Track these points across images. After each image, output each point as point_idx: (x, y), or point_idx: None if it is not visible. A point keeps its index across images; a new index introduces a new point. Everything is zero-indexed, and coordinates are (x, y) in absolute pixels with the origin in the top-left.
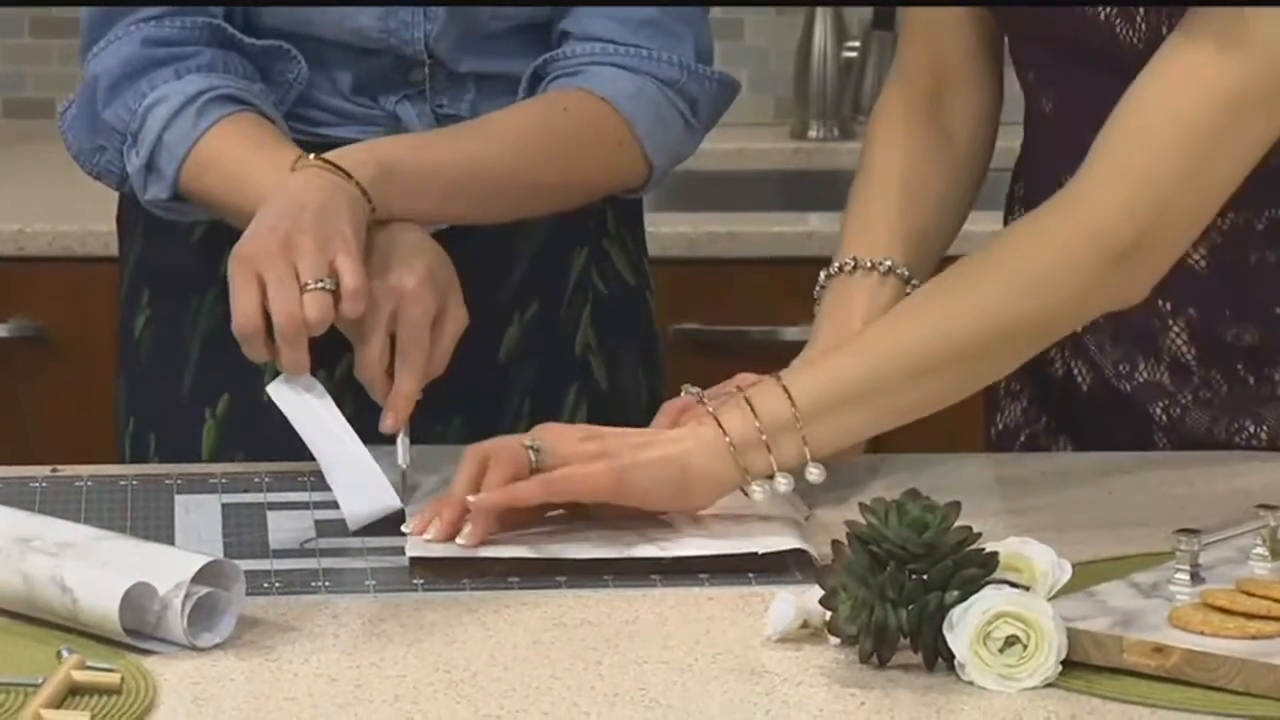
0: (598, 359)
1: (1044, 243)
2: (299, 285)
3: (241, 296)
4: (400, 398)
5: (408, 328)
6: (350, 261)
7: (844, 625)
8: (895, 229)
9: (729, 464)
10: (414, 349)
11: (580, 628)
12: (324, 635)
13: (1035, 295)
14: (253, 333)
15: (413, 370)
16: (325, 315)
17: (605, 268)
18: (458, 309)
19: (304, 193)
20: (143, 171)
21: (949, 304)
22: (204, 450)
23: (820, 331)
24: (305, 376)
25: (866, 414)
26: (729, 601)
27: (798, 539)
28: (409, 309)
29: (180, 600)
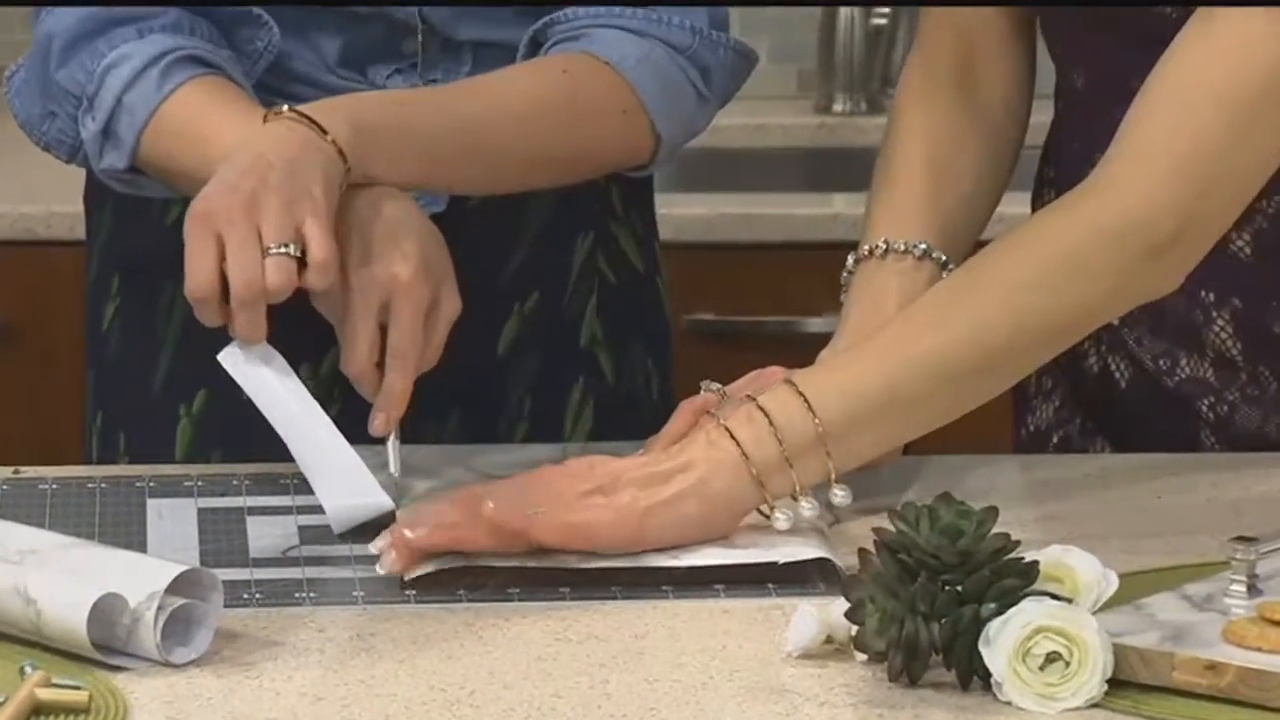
0: (604, 352)
1: (1075, 232)
2: (261, 248)
3: (197, 257)
4: (392, 396)
5: (402, 322)
6: (319, 228)
7: (871, 640)
8: (927, 210)
9: (748, 486)
10: (408, 344)
11: (586, 643)
12: (309, 650)
13: (1067, 289)
14: (207, 297)
15: (406, 367)
16: (287, 282)
17: (612, 253)
18: (451, 296)
19: (273, 147)
20: (98, 138)
21: (975, 301)
22: (178, 450)
23: (850, 321)
24: (262, 346)
25: (893, 425)
26: (747, 615)
27: (821, 547)
28: (402, 301)
29: (153, 612)
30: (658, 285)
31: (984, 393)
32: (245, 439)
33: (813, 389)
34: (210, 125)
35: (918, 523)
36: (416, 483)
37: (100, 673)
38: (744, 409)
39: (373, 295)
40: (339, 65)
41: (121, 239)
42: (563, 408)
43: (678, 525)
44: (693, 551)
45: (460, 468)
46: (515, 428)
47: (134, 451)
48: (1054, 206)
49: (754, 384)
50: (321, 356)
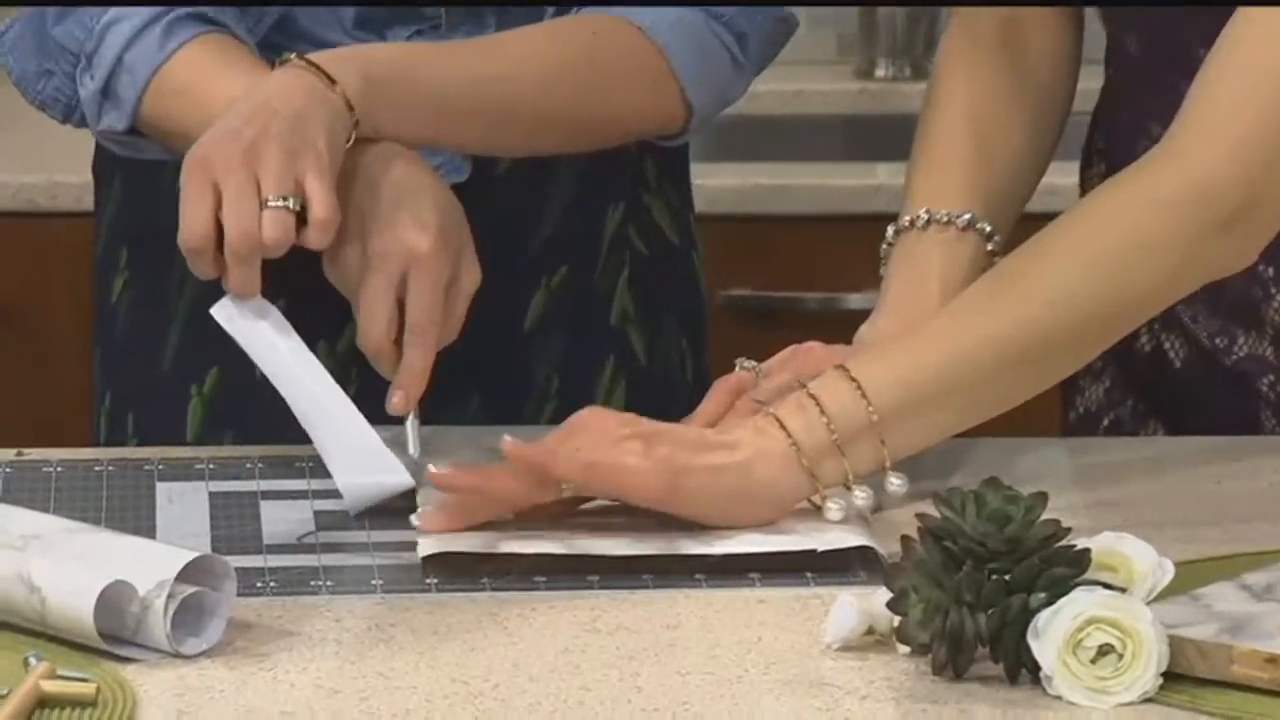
0: (636, 330)
1: (1137, 208)
2: (259, 200)
3: (192, 205)
4: (411, 373)
5: (421, 295)
6: (320, 184)
7: (915, 632)
8: (971, 179)
9: (797, 474)
10: (427, 319)
11: (615, 634)
12: (325, 641)
13: (1130, 269)
14: (201, 248)
15: (425, 343)
16: (284, 237)
17: (644, 225)
18: (472, 267)
19: (278, 95)
20: (97, 98)
21: (1033, 283)
22: (189, 431)
23: (890, 294)
24: (257, 300)
25: (948, 412)
26: (784, 605)
27: (863, 535)
28: (422, 274)
29: (163, 601)
30: (693, 260)
31: (1043, 379)
32: (258, 420)
33: (866, 375)
34: (214, 84)
35: (963, 508)
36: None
37: (108, 664)
38: (793, 396)
39: (390, 267)
40: (356, 27)
41: (131, 210)
42: (592, 388)
43: (711, 494)
44: (727, 538)
45: (482, 450)
46: (542, 409)
47: (143, 432)
48: (1113, 182)
49: (791, 360)
50: (338, 334)
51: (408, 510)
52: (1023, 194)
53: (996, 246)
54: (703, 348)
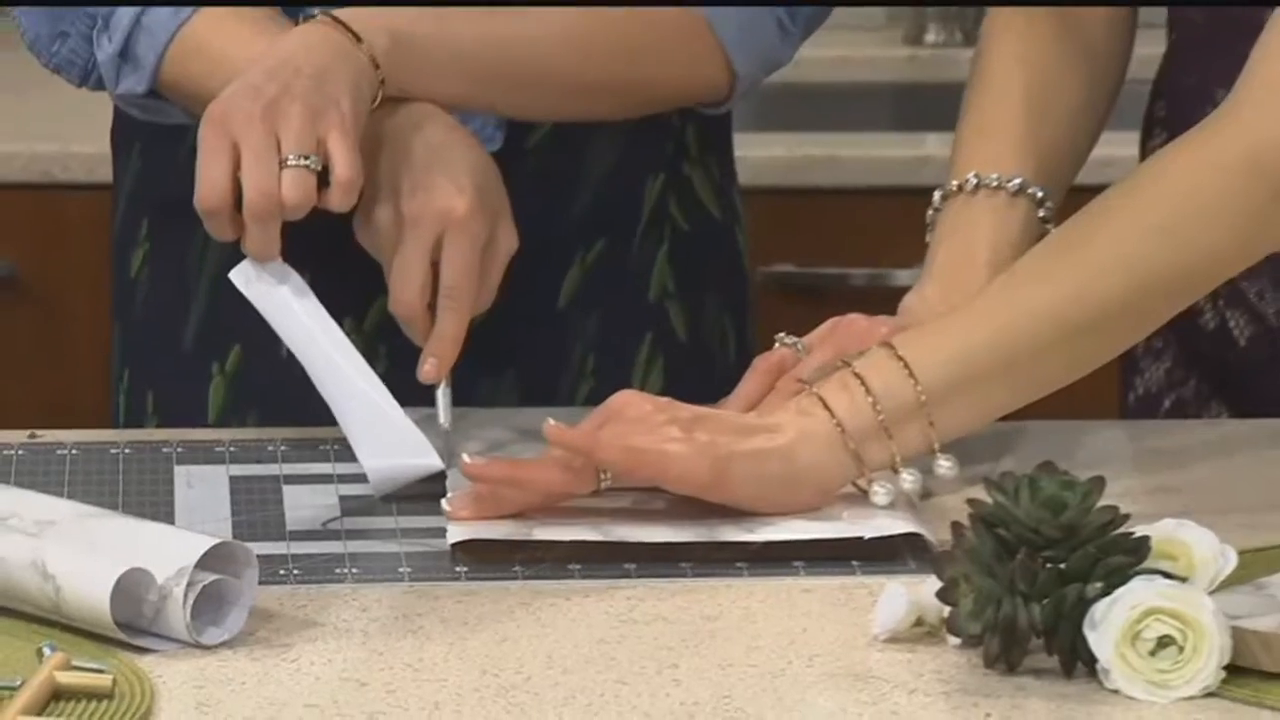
0: (676, 306)
1: (1199, 173)
2: (279, 158)
3: (209, 164)
4: (444, 341)
5: (457, 258)
6: (343, 144)
7: (966, 623)
8: (1022, 141)
9: (842, 457)
10: (463, 282)
11: (653, 624)
12: (350, 631)
13: (1191, 235)
14: (218, 208)
15: (460, 308)
16: (305, 198)
17: (685, 198)
18: (508, 231)
19: (301, 52)
20: (115, 61)
21: (1089, 253)
22: (210, 410)
23: (936, 262)
24: (277, 263)
25: (1000, 390)
26: (829, 594)
27: (912, 521)
28: (458, 235)
29: (182, 589)
30: (736, 234)
31: (1099, 355)
32: (283, 399)
33: (913, 352)
34: (236, 44)
35: (1017, 494)
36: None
37: (125, 654)
38: (837, 375)
39: (426, 229)
40: None
41: (151, 179)
42: (629, 367)
43: (758, 481)
44: (770, 525)
45: (514, 431)
46: (577, 388)
47: (163, 411)
48: (1174, 147)
49: (833, 335)
50: (365, 310)
51: (437, 495)
52: (1076, 158)
53: (1048, 213)
54: (746, 326)
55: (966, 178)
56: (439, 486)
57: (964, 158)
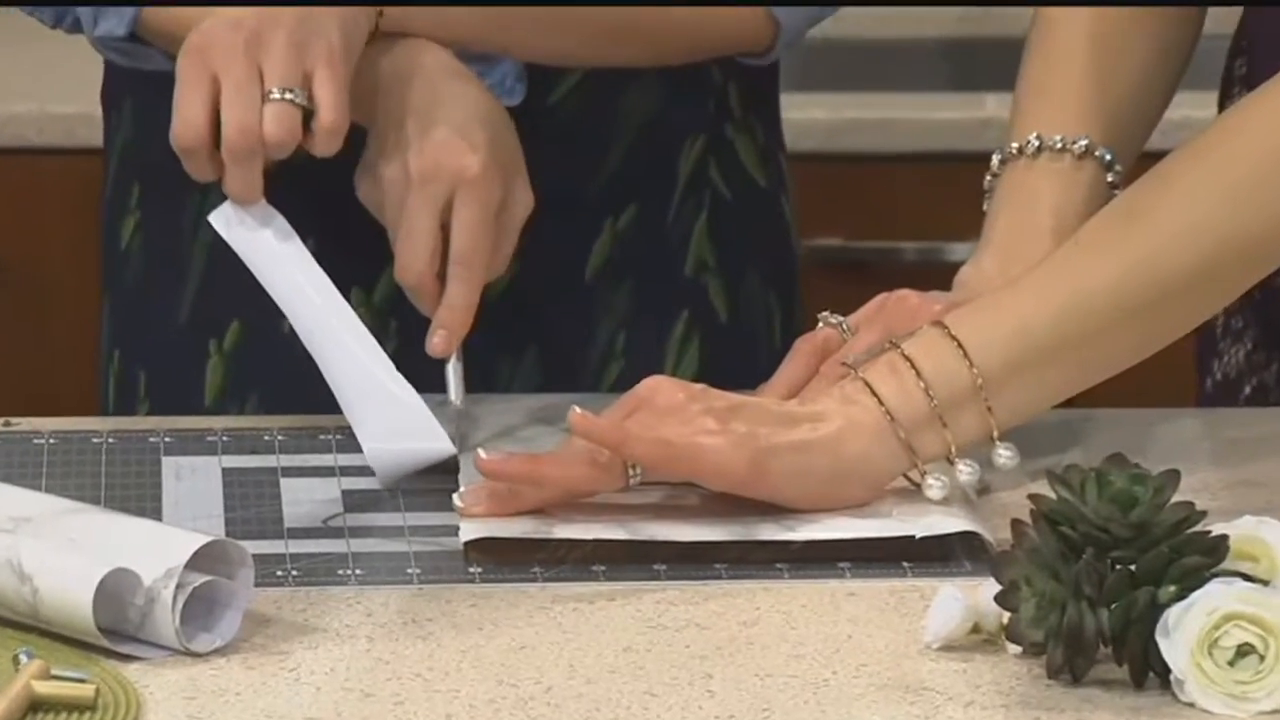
0: (715, 281)
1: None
2: (261, 92)
3: (187, 98)
4: (455, 311)
5: (469, 221)
6: (331, 82)
7: (1027, 630)
8: (1088, 100)
9: (892, 447)
10: (474, 248)
11: (685, 631)
12: (355, 638)
13: (1269, 200)
14: (195, 146)
15: (471, 275)
16: (288, 135)
17: (727, 162)
18: (524, 193)
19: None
20: None
21: (1158, 218)
22: (207, 392)
23: (995, 232)
24: (261, 206)
25: (1062, 371)
26: (877, 598)
27: (968, 519)
28: (470, 196)
29: (171, 592)
30: (782, 204)
31: (1168, 331)
32: (286, 380)
33: (966, 331)
34: None
35: (1083, 489)
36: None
37: (108, 663)
38: (885, 358)
39: (436, 190)
40: None
41: (144, 140)
42: (662, 347)
43: (802, 476)
44: (813, 523)
45: (532, 419)
46: (604, 370)
47: (155, 394)
48: (1249, 101)
49: (881, 313)
50: (374, 281)
51: (448, 489)
52: (1147, 119)
53: (1117, 177)
54: (793, 305)
55: (1027, 140)
56: (451, 479)
57: (1024, 118)
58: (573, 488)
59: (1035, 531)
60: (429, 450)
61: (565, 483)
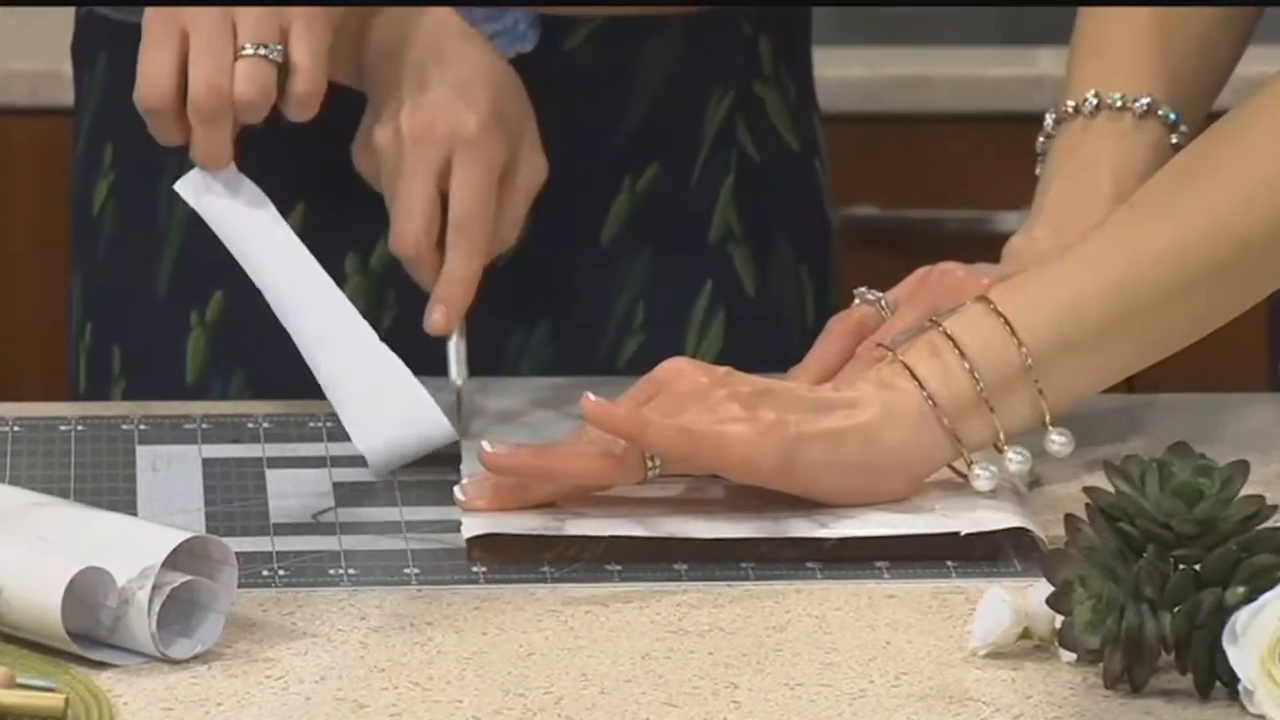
0: (742, 251)
1: None
2: (233, 47)
3: (153, 54)
4: (454, 284)
5: (467, 184)
6: (308, 38)
7: (1082, 635)
8: (1153, 54)
9: (935, 435)
10: (475, 213)
11: (708, 636)
12: (347, 644)
13: None
14: (160, 106)
15: (472, 243)
16: (261, 94)
17: (756, 122)
18: (534, 156)
19: None
20: None
21: (1220, 180)
22: (189, 370)
23: (1049, 198)
24: (231, 172)
25: (1121, 347)
26: (918, 601)
27: (1017, 513)
28: (469, 157)
29: (147, 593)
30: (815, 169)
31: (1235, 303)
32: (274, 357)
33: (1014, 306)
34: None
35: (1144, 481)
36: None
37: (79, 670)
38: (925, 338)
39: (431, 151)
40: None
41: (119, 97)
42: (684, 320)
43: (836, 468)
44: (848, 518)
45: (540, 403)
46: (621, 345)
47: (132, 372)
48: None
49: (923, 289)
50: (371, 245)
51: (449, 480)
52: (1215, 74)
53: (1182, 139)
54: (827, 279)
55: (1084, 98)
56: (452, 470)
57: (1081, 75)
58: (586, 481)
59: (1091, 528)
60: (427, 436)
61: (577, 476)
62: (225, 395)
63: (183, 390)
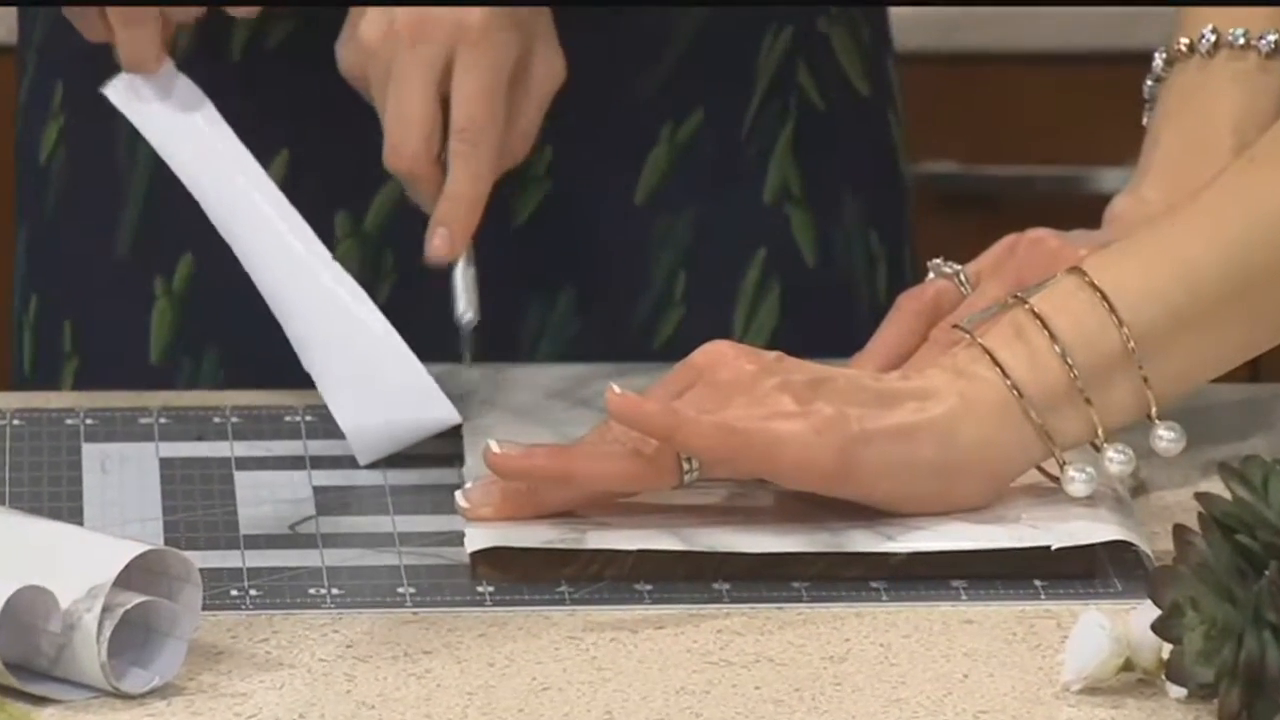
0: (801, 214)
1: None
2: None
3: None
4: (458, 203)
5: (471, 89)
6: None
7: (1194, 666)
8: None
9: (1021, 432)
10: (479, 123)
11: (754, 668)
12: (330, 676)
13: None
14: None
15: (477, 155)
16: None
17: (821, 63)
18: (550, 55)
19: None
20: None
21: None
22: (153, 346)
23: (1159, 151)
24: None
25: (1239, 326)
26: (1001, 626)
27: (1118, 523)
28: (472, 60)
29: (96, 617)
30: (889, 119)
31: None
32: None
33: (1113, 278)
34: None
35: (1267, 486)
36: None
37: (17, 706)
38: (1009, 317)
39: (429, 50)
40: None
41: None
42: (731, 295)
43: (905, 471)
44: (919, 530)
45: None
46: (659, 319)
47: (85, 350)
48: None
49: (1010, 260)
50: (365, 202)
51: (451, 484)
52: None
53: None
54: (900, 247)
55: (1201, 34)
56: (453, 471)
57: (1196, 8)
58: (611, 486)
59: (1205, 541)
60: (425, 419)
61: (601, 480)
62: (196, 377)
63: (146, 371)
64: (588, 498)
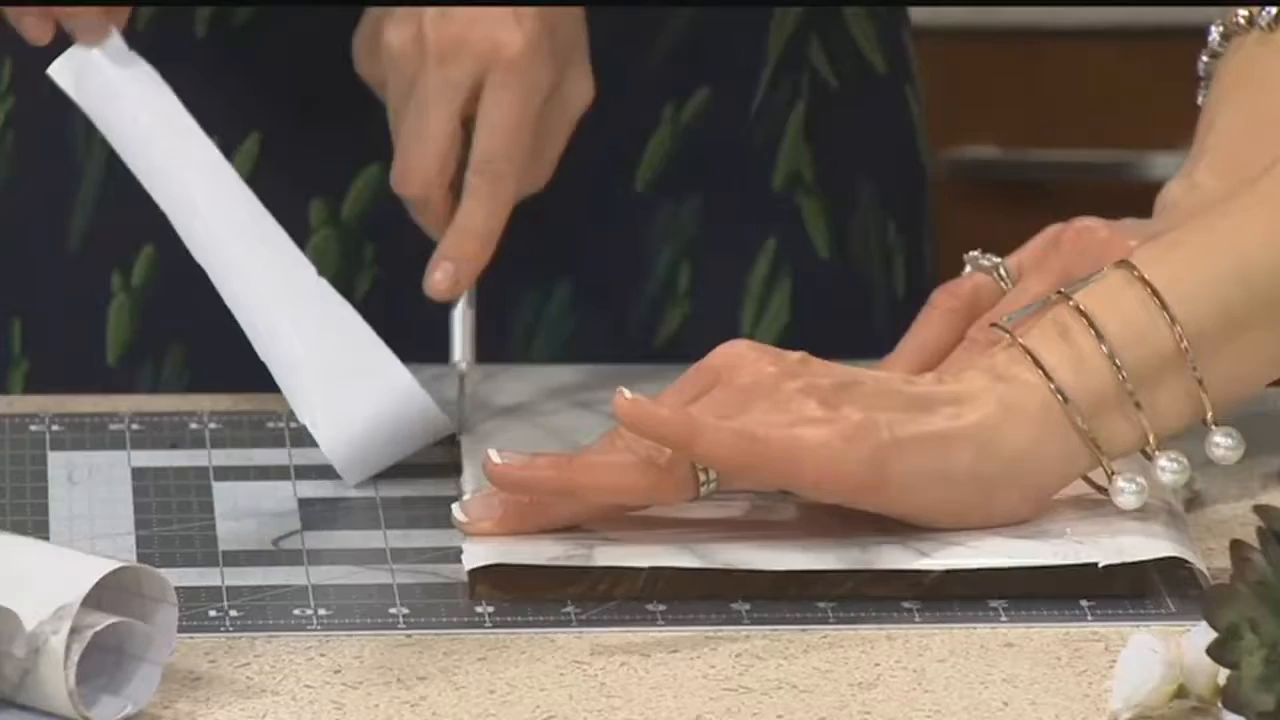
0: (814, 202)
1: None
2: None
3: None
4: (470, 238)
5: (502, 120)
6: None
7: (1252, 693)
8: None
9: (1066, 440)
10: (506, 158)
11: (776, 694)
12: (317, 703)
13: None
14: None
15: (499, 193)
16: None
17: (833, 39)
18: (581, 80)
19: None
20: None
21: None
22: (110, 347)
23: (1215, 133)
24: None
25: None
26: (1044, 650)
27: (1171, 538)
28: (507, 87)
29: (63, 639)
30: (908, 99)
31: None
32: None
33: (1165, 273)
34: None
35: None
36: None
37: None
38: (1052, 315)
39: (459, 72)
40: None
41: None
42: (739, 288)
43: (940, 482)
44: (955, 545)
45: (562, 400)
46: (660, 315)
47: (36, 352)
48: None
49: (1055, 252)
50: (343, 189)
51: (448, 496)
52: None
53: None
54: (921, 238)
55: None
56: (450, 483)
57: None
58: (620, 498)
59: (1264, 557)
60: (414, 429)
61: (610, 492)
62: (157, 380)
63: (102, 374)
64: (596, 511)
